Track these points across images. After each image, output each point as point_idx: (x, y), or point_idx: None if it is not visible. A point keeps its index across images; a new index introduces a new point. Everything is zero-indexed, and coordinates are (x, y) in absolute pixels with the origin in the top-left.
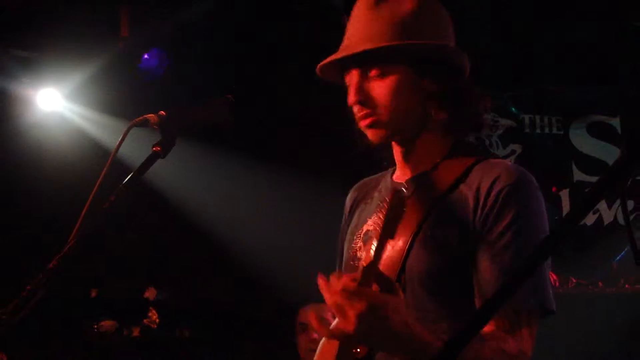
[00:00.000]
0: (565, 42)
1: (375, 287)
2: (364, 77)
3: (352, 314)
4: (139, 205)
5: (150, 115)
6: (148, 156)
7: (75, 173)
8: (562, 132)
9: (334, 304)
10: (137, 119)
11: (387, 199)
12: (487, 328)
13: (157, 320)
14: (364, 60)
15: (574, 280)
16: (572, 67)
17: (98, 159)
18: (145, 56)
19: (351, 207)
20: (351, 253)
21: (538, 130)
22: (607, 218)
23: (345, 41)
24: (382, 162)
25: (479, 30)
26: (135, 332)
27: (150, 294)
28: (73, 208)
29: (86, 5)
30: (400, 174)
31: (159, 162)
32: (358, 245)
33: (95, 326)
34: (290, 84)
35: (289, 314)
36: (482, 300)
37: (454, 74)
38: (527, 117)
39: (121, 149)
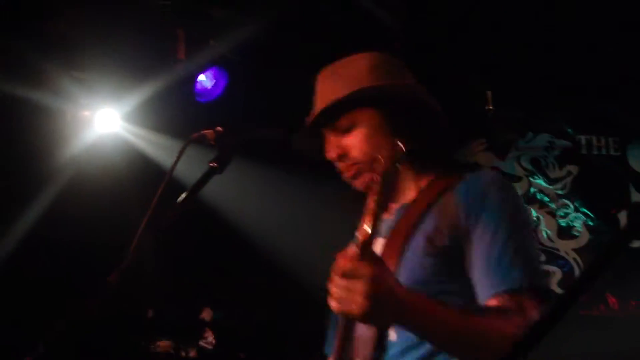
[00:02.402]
0: (624, 62)
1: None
2: (336, 134)
3: (357, 296)
4: (195, 224)
5: (208, 131)
6: (204, 172)
7: (132, 192)
8: (619, 153)
9: (336, 291)
10: (194, 135)
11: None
12: (491, 303)
13: (214, 342)
14: (330, 121)
15: (633, 303)
16: (630, 87)
17: (154, 178)
18: (202, 77)
19: None
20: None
21: (595, 152)
22: None
23: (311, 112)
24: None
25: (535, 52)
26: (192, 353)
27: (206, 314)
28: (130, 226)
29: (143, 27)
30: (392, 207)
31: (214, 181)
32: None
33: (152, 346)
34: None
35: None
36: (485, 288)
37: (414, 109)
38: (583, 138)
39: (177, 168)
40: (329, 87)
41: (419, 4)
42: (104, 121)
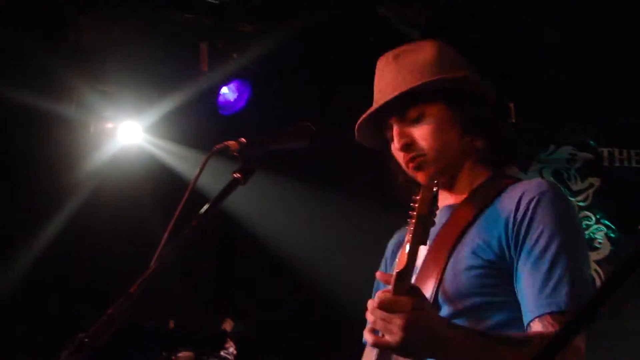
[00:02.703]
0: None
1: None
2: (403, 123)
3: (395, 328)
4: (217, 235)
5: (231, 142)
6: (228, 182)
7: (154, 204)
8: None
9: (375, 323)
10: (218, 146)
11: (415, 197)
12: (535, 327)
13: (235, 352)
14: (398, 108)
15: None
16: None
17: (177, 190)
18: (224, 90)
19: (393, 250)
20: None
21: (617, 164)
22: None
23: (375, 97)
24: None
25: (558, 64)
26: None
27: (227, 325)
28: (152, 238)
29: (167, 40)
30: (440, 205)
31: (237, 192)
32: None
33: (173, 357)
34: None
35: None
36: (529, 308)
37: (482, 103)
38: (605, 150)
39: (199, 179)
40: (395, 74)
41: (440, 16)
42: (126, 133)
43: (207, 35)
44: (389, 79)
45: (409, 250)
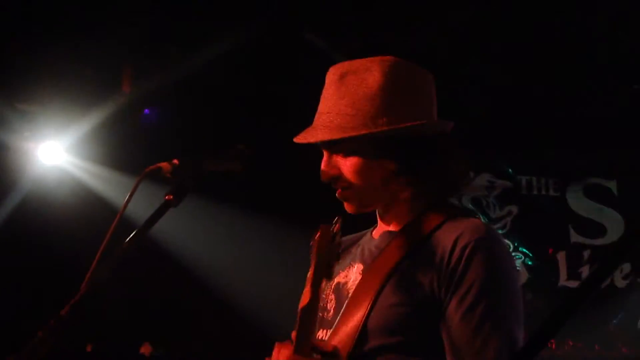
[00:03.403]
0: (563, 106)
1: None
2: (331, 153)
3: None
4: (134, 259)
5: (163, 164)
6: (160, 205)
7: (77, 225)
8: (559, 194)
9: None
10: (150, 167)
11: (315, 237)
12: None
13: None
14: (327, 142)
15: (571, 343)
16: (569, 130)
17: (99, 211)
18: (146, 111)
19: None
20: (320, 304)
21: (535, 192)
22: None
23: (315, 116)
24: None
25: (478, 94)
26: None
27: (145, 349)
28: (75, 258)
29: (88, 61)
30: (380, 229)
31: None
32: (329, 297)
33: None
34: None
35: None
36: (452, 357)
37: (418, 147)
38: (524, 179)
39: (120, 204)
40: (334, 101)
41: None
42: (47, 154)
43: (130, 57)
44: (327, 104)
45: (312, 284)
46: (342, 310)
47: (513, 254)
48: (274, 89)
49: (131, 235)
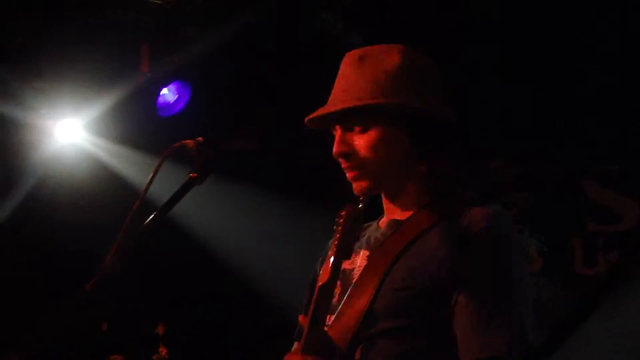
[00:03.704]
0: (575, 89)
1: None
2: (346, 130)
3: None
4: (152, 239)
5: (188, 141)
6: (184, 183)
7: (92, 203)
8: (574, 180)
9: None
10: (175, 144)
11: (341, 212)
12: None
13: (167, 357)
14: (345, 116)
15: None
16: (586, 116)
17: (117, 190)
18: (164, 91)
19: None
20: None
21: (550, 178)
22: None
23: (330, 96)
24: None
25: (498, 80)
26: None
27: (160, 329)
28: (91, 236)
29: (107, 38)
30: (387, 217)
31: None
32: (335, 283)
33: None
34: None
35: None
36: (466, 348)
37: (433, 129)
38: (539, 165)
39: (144, 184)
40: (353, 79)
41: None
42: (65, 131)
43: (149, 36)
44: (344, 83)
45: (332, 264)
46: (346, 294)
47: (528, 240)
48: (293, 69)
49: (154, 213)
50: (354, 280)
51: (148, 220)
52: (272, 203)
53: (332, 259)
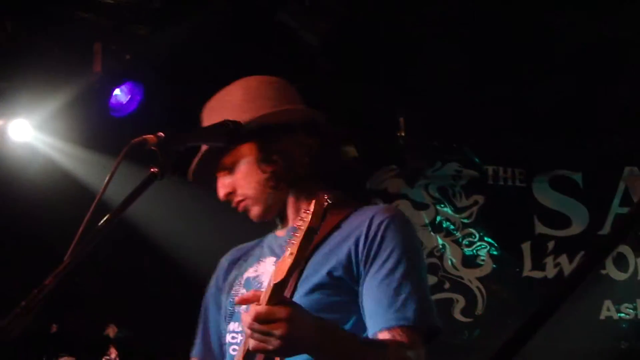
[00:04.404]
0: (531, 95)
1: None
2: (223, 174)
3: (274, 340)
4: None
5: (149, 136)
6: (145, 177)
7: (46, 202)
8: (525, 185)
9: (251, 336)
10: (135, 140)
11: (309, 209)
12: (382, 336)
13: (117, 359)
14: (213, 162)
15: None
16: (536, 120)
17: (68, 189)
18: (117, 92)
19: (226, 269)
20: (235, 301)
21: (501, 182)
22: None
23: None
24: None
25: (450, 82)
26: None
27: (110, 331)
28: (43, 234)
29: (59, 37)
30: (287, 227)
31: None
32: (240, 292)
33: None
34: None
35: None
36: (377, 320)
37: (272, 133)
38: (490, 169)
39: (97, 183)
40: (206, 120)
41: (341, 25)
42: (17, 131)
43: (102, 36)
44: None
45: (292, 263)
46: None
47: (478, 243)
48: (248, 70)
49: (114, 210)
50: (262, 286)
51: (106, 217)
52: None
53: (291, 257)
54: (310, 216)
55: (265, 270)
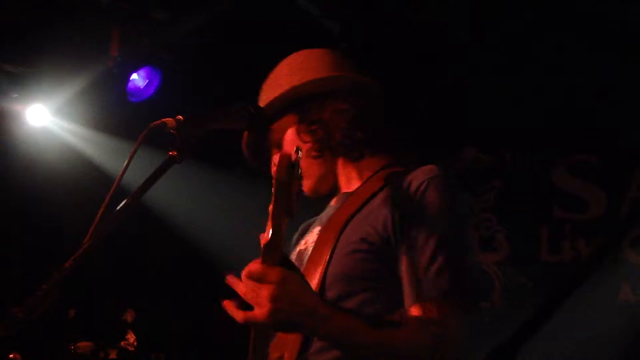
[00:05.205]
0: (550, 81)
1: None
2: (275, 151)
3: (262, 300)
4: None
5: (168, 119)
6: (164, 161)
7: (63, 187)
8: (543, 169)
9: (245, 294)
10: (155, 122)
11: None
12: (414, 312)
13: (135, 343)
14: (260, 141)
15: None
16: (555, 105)
17: (85, 173)
18: (134, 76)
19: (294, 243)
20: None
21: (519, 167)
22: (584, 255)
23: None
24: None
25: (472, 69)
26: (112, 355)
27: (129, 316)
28: (62, 219)
29: (77, 22)
30: (337, 196)
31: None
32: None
33: (72, 347)
34: None
35: None
36: (410, 293)
37: (314, 100)
38: (509, 154)
39: (114, 168)
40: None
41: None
42: (35, 116)
43: (120, 20)
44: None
45: (273, 219)
46: (302, 270)
47: (495, 228)
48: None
49: (132, 193)
50: (308, 256)
51: (124, 201)
52: (241, 185)
53: (271, 214)
54: (276, 169)
55: (311, 240)
